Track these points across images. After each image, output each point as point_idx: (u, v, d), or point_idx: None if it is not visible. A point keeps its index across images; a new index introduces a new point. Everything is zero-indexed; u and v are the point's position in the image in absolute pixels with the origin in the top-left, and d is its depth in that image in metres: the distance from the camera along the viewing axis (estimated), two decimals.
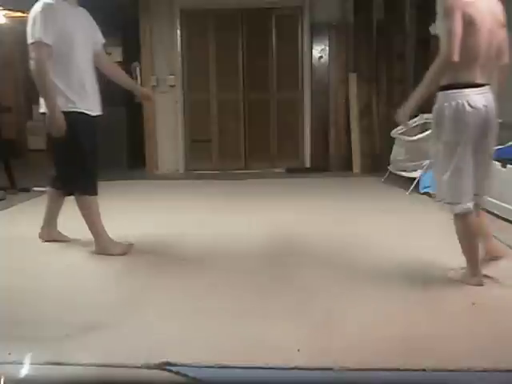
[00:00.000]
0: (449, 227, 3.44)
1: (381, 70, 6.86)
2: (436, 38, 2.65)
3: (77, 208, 3.43)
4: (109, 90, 3.56)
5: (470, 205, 2.71)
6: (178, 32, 7.07)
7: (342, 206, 4.70)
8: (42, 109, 3.29)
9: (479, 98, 2.65)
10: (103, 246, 3.39)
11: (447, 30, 2.51)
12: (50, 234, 3.69)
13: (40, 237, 3.68)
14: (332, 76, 6.94)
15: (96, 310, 2.55)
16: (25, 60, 3.32)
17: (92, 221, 3.42)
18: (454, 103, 2.61)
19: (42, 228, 3.69)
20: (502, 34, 2.70)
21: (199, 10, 7.01)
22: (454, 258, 3.27)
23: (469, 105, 2.61)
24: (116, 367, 2.01)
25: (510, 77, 2.85)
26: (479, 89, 2.66)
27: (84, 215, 3.41)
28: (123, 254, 3.38)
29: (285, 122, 7.23)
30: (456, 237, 2.75)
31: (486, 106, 2.68)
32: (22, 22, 9.12)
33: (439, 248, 3.46)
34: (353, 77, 6.80)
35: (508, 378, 1.91)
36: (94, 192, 3.43)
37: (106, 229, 3.45)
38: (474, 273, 2.78)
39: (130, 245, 3.49)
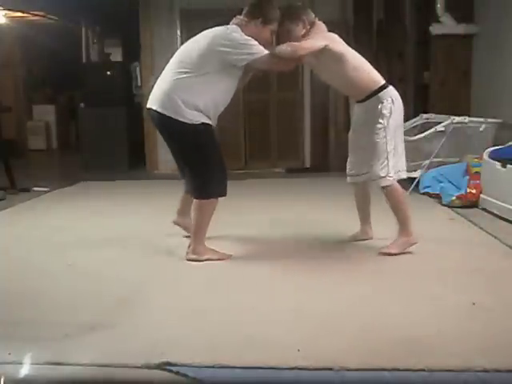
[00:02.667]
0: (449, 227, 3.45)
1: (381, 70, 6.83)
2: (436, 38, 2.68)
3: None
4: (109, 90, 3.56)
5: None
6: (178, 32, 7.06)
7: (341, 206, 4.70)
8: (198, 118, 3.14)
9: None
10: (198, 252, 3.25)
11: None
12: (184, 221, 3.65)
13: (175, 222, 3.69)
14: None
15: (96, 309, 2.55)
16: (25, 60, 3.32)
17: (204, 224, 3.26)
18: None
19: (178, 214, 3.68)
20: None
21: (199, 9, 7.00)
22: (454, 256, 3.28)
23: None
24: (116, 367, 2.01)
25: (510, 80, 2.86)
26: None
27: (201, 216, 3.24)
28: (220, 259, 3.26)
29: (285, 122, 7.23)
30: (458, 234, 2.76)
31: None
32: (22, 22, 9.18)
33: (439, 247, 3.46)
34: None
35: (508, 377, 1.91)
36: (225, 193, 3.31)
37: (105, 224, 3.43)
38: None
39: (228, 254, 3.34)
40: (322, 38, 3.28)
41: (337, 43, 3.32)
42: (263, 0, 3.34)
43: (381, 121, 3.27)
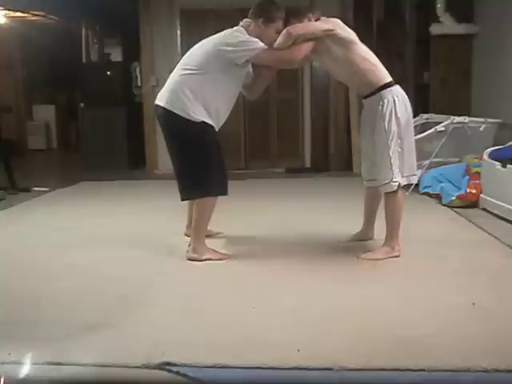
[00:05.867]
0: (449, 227, 3.43)
1: None
2: (436, 37, 2.68)
3: None
4: (109, 90, 3.56)
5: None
6: (178, 32, 7.06)
7: (342, 206, 4.70)
8: (200, 116, 3.23)
9: None
10: (198, 251, 3.26)
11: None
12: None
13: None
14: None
15: (96, 309, 2.55)
16: (25, 60, 3.32)
17: (203, 222, 3.30)
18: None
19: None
20: None
21: (199, 9, 7.01)
22: (454, 256, 3.28)
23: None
24: (116, 367, 2.00)
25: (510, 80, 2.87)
26: None
27: (200, 215, 3.27)
28: (220, 259, 3.27)
29: (285, 122, 7.23)
30: (458, 234, 2.75)
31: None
32: (22, 22, 9.19)
33: (439, 248, 3.46)
34: None
35: (508, 377, 1.91)
36: (225, 193, 3.34)
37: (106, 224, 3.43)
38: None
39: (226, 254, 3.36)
40: (322, 23, 3.23)
41: (344, 29, 3.24)
42: (265, 0, 3.36)
43: (382, 123, 3.19)
